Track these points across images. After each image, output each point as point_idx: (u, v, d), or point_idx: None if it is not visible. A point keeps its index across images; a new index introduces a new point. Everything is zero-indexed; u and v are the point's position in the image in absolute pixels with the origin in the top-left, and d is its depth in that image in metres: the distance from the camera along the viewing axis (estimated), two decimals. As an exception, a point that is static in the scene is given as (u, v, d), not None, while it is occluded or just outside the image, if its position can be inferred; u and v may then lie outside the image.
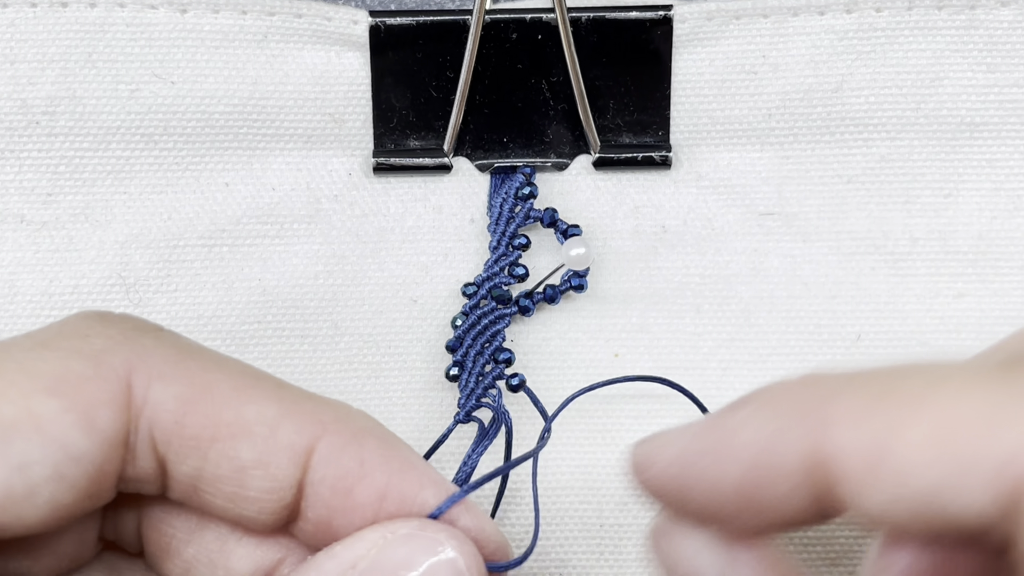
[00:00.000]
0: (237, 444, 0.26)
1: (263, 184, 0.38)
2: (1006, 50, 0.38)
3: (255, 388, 0.27)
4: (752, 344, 0.39)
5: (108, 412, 0.25)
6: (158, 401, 0.26)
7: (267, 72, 0.38)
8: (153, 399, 0.26)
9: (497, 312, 0.38)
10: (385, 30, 0.38)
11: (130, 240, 0.38)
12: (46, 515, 0.25)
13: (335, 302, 0.39)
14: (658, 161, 0.38)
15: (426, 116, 0.38)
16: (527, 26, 0.38)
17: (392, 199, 0.39)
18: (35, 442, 0.24)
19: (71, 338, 0.26)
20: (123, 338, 0.26)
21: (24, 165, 0.38)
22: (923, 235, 0.39)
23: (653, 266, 0.39)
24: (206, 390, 0.26)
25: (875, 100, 0.38)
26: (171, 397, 0.26)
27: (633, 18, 0.38)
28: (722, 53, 0.38)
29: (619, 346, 0.39)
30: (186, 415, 0.26)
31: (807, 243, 0.39)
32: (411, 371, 0.39)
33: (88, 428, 0.25)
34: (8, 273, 0.38)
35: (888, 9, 0.38)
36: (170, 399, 0.26)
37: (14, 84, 0.37)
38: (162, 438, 0.26)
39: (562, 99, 0.38)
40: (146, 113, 0.37)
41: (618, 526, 0.39)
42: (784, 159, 0.39)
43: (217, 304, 0.38)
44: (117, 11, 0.37)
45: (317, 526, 0.27)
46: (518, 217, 0.38)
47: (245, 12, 0.37)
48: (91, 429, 0.25)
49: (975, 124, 0.38)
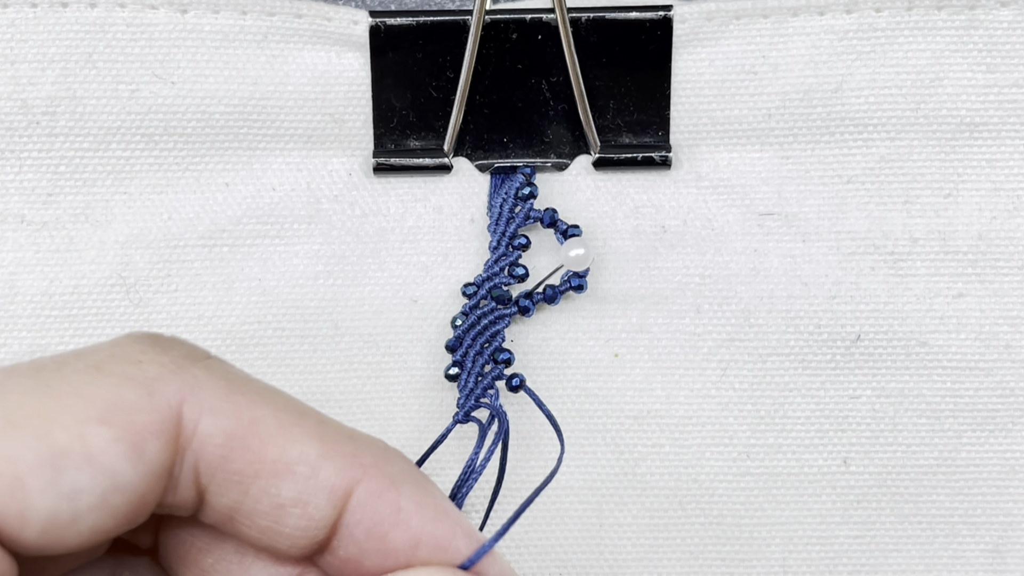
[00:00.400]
0: (279, 482, 0.27)
1: (263, 184, 0.38)
2: (1006, 50, 0.38)
3: (299, 426, 0.27)
4: (752, 344, 0.39)
5: (157, 443, 0.26)
6: (207, 435, 0.26)
7: (267, 72, 0.38)
8: (202, 432, 0.26)
9: (497, 312, 0.38)
10: (385, 30, 0.38)
11: (130, 240, 0.38)
12: (86, 540, 0.25)
13: (335, 302, 0.39)
14: (658, 161, 0.38)
15: (426, 116, 0.38)
16: (527, 26, 0.38)
17: (392, 199, 0.39)
18: (85, 472, 0.25)
19: (124, 363, 0.26)
20: (175, 367, 0.26)
21: (24, 165, 0.38)
22: (923, 235, 0.39)
23: (653, 266, 0.39)
24: (253, 426, 0.27)
25: (875, 100, 0.38)
26: (220, 432, 0.26)
27: (633, 18, 0.38)
28: (722, 53, 0.38)
29: (619, 346, 0.39)
30: (232, 451, 0.26)
31: (807, 243, 0.39)
32: (411, 371, 0.39)
33: (137, 459, 0.25)
34: (8, 273, 0.38)
35: (888, 9, 0.38)
36: (219, 434, 0.26)
37: (14, 84, 0.37)
38: (206, 471, 0.26)
39: (562, 99, 0.38)
40: (146, 113, 0.37)
41: (618, 526, 0.39)
42: (784, 159, 0.39)
43: (217, 304, 0.38)
44: (117, 11, 0.37)
45: (346, 563, 0.28)
46: (518, 217, 0.38)
47: (245, 12, 0.37)
48: (139, 460, 0.25)
49: (975, 124, 0.38)
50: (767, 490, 0.39)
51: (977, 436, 0.39)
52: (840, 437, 0.39)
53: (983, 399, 0.39)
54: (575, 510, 0.39)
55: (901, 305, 0.39)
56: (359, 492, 0.27)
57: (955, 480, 0.39)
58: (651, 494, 0.39)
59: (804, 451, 0.39)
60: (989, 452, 0.39)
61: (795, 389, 0.39)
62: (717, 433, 0.39)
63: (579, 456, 0.39)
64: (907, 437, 0.39)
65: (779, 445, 0.39)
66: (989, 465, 0.39)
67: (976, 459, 0.39)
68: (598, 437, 0.39)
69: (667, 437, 0.39)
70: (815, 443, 0.39)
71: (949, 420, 0.39)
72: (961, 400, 0.39)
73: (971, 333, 0.39)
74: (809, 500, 0.39)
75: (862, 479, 0.39)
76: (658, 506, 0.39)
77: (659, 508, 0.39)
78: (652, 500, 0.39)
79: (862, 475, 0.39)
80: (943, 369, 0.39)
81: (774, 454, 0.39)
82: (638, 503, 0.39)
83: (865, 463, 0.39)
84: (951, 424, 0.39)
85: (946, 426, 0.39)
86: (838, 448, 0.39)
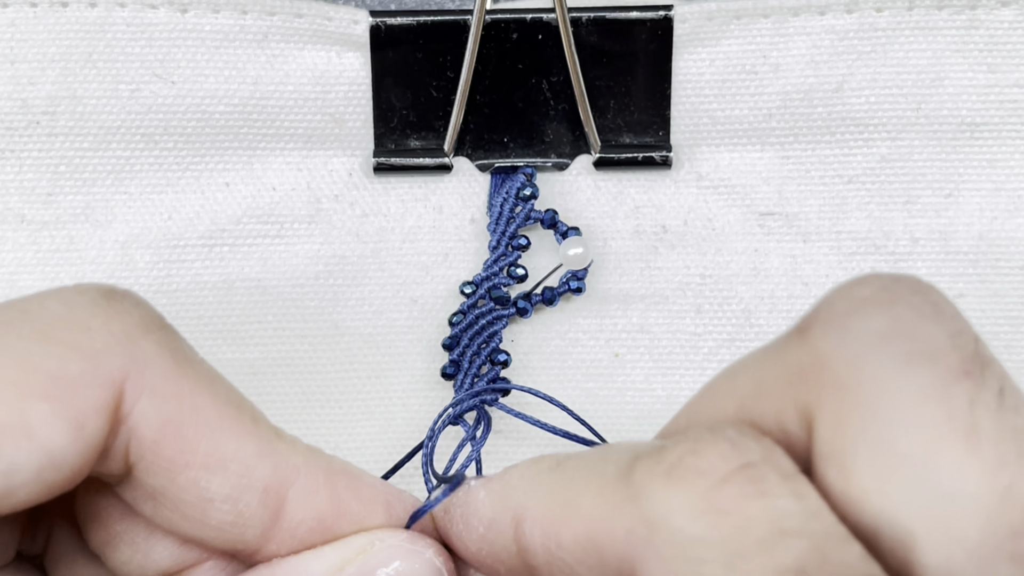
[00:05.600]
0: (210, 476, 0.26)
1: (263, 184, 0.38)
2: (1007, 50, 0.38)
3: (237, 420, 0.27)
4: (752, 344, 0.39)
5: (97, 419, 0.25)
6: (143, 416, 0.26)
7: (267, 72, 0.38)
8: (138, 412, 0.26)
9: (495, 313, 0.38)
10: (386, 30, 0.38)
11: (131, 240, 0.38)
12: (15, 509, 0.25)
13: (335, 302, 0.39)
14: (658, 161, 0.38)
15: (426, 116, 0.38)
16: (527, 26, 0.38)
17: (392, 199, 0.39)
18: (23, 449, 0.24)
19: (73, 329, 0.26)
20: (124, 338, 0.26)
21: (25, 165, 0.38)
22: (924, 235, 0.39)
23: (653, 266, 0.39)
24: (191, 414, 0.26)
25: (876, 100, 0.38)
26: (156, 415, 0.26)
27: (633, 18, 0.38)
28: (722, 53, 0.38)
29: (619, 346, 0.39)
30: (166, 436, 0.26)
31: (807, 243, 0.39)
32: (411, 371, 0.39)
33: (75, 435, 0.25)
34: (9, 273, 0.38)
35: (889, 9, 0.38)
36: (154, 417, 0.26)
37: (15, 84, 0.37)
38: (136, 450, 0.26)
39: (562, 99, 0.38)
40: (146, 113, 0.37)
41: (618, 526, 0.39)
42: (784, 159, 0.39)
43: (217, 304, 0.38)
44: (117, 11, 0.37)
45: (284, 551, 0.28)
46: (518, 218, 0.38)
47: (245, 12, 0.37)
48: (78, 436, 0.25)
49: (975, 124, 0.38)
50: (767, 490, 0.39)
51: (978, 436, 0.39)
52: (840, 437, 0.39)
53: (984, 399, 0.39)
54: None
55: (902, 305, 0.39)
56: (295, 492, 0.27)
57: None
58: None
59: (804, 451, 0.39)
60: (990, 452, 0.39)
61: (795, 389, 0.39)
62: (717, 433, 0.39)
63: (579, 456, 0.39)
64: (908, 437, 0.39)
65: (779, 445, 0.39)
66: (990, 465, 0.39)
67: (977, 459, 0.39)
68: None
69: (667, 437, 0.39)
70: (815, 443, 0.39)
71: (950, 420, 0.39)
72: (962, 400, 0.39)
73: (972, 333, 0.39)
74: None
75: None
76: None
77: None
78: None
79: (862, 475, 0.39)
80: (944, 369, 0.39)
81: (774, 454, 0.39)
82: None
83: (865, 463, 0.39)
84: (952, 424, 0.39)
85: (947, 426, 0.39)
86: (838, 448, 0.39)
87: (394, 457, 0.38)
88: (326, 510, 0.27)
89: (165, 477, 0.26)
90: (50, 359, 0.25)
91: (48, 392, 0.25)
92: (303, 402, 0.39)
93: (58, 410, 0.25)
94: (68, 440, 0.25)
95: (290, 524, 0.27)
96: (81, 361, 0.25)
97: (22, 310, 0.26)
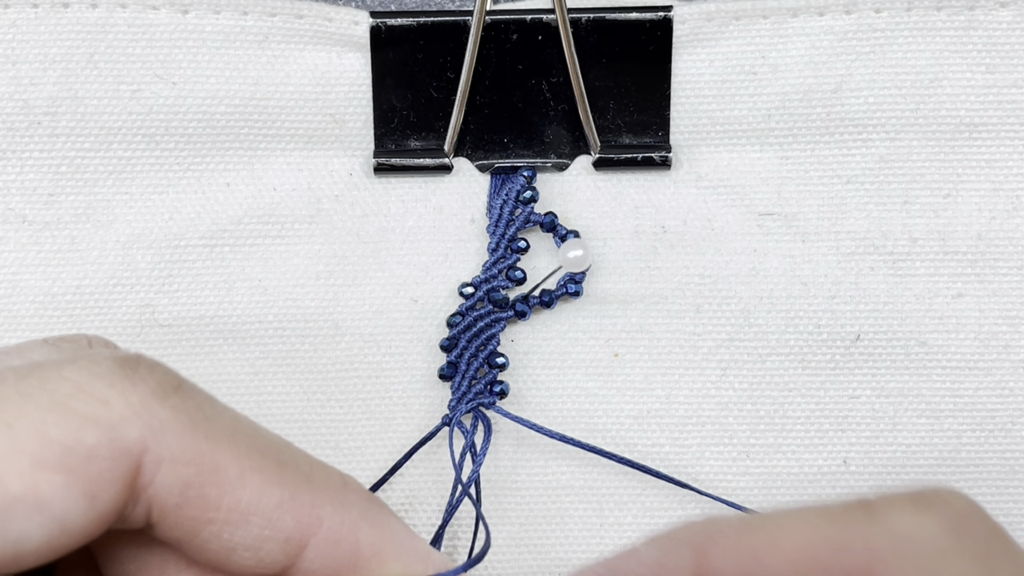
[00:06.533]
0: (232, 529, 0.26)
1: (264, 184, 0.38)
2: (1005, 51, 0.38)
3: (260, 471, 0.27)
4: (752, 344, 0.39)
5: (111, 490, 0.25)
6: (163, 484, 0.26)
7: (268, 73, 0.38)
8: (159, 481, 0.26)
9: (493, 315, 0.38)
10: (386, 31, 0.38)
11: (132, 240, 0.38)
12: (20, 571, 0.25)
13: (336, 302, 0.39)
14: (658, 161, 0.38)
15: (427, 116, 0.38)
16: (527, 27, 0.38)
17: (393, 199, 0.39)
18: (35, 520, 0.24)
19: (90, 401, 0.26)
20: (142, 408, 0.26)
21: (26, 165, 0.38)
22: (922, 235, 0.39)
23: (653, 266, 0.39)
24: (212, 474, 0.26)
25: (874, 101, 0.38)
26: (176, 481, 0.26)
27: (633, 19, 0.38)
28: (722, 54, 0.38)
29: (619, 346, 0.39)
30: (187, 500, 0.26)
31: (806, 243, 0.39)
32: (412, 371, 0.39)
33: (89, 506, 0.25)
34: (11, 273, 0.38)
35: (887, 10, 0.38)
36: (175, 484, 0.26)
37: (16, 84, 0.37)
38: (158, 513, 0.26)
39: (562, 99, 0.38)
40: (148, 113, 0.38)
41: (618, 526, 0.39)
42: (783, 159, 0.39)
43: (218, 304, 0.38)
44: (119, 12, 0.37)
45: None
46: (518, 220, 0.38)
47: (246, 13, 0.37)
48: (91, 506, 0.25)
49: (974, 124, 0.38)
50: (767, 490, 0.39)
51: (977, 436, 0.39)
52: (840, 437, 0.39)
53: (982, 399, 0.39)
54: (575, 510, 0.39)
55: (900, 305, 0.39)
56: (316, 542, 0.27)
57: (955, 480, 0.39)
58: (651, 494, 0.39)
59: (804, 451, 0.39)
60: (989, 452, 0.39)
61: (795, 389, 0.39)
62: (717, 433, 0.39)
63: (579, 456, 0.39)
64: (907, 437, 0.39)
65: (779, 445, 0.39)
66: (989, 465, 0.39)
67: (976, 459, 0.39)
68: (598, 437, 0.39)
69: (667, 437, 0.39)
70: (815, 443, 0.39)
71: (949, 420, 0.39)
72: (961, 400, 0.39)
73: (970, 333, 0.39)
74: (809, 500, 0.39)
75: (862, 479, 0.39)
76: (658, 506, 0.39)
77: (659, 508, 0.39)
78: (652, 500, 0.39)
79: (862, 475, 0.39)
80: (942, 369, 0.39)
81: (774, 454, 0.39)
82: (638, 503, 0.39)
83: (865, 463, 0.39)
84: (951, 424, 0.39)
85: (946, 426, 0.39)
86: (838, 448, 0.39)
87: (394, 457, 0.38)
88: (344, 561, 0.27)
89: (188, 531, 0.27)
90: (67, 431, 0.25)
91: (63, 464, 0.25)
92: (303, 402, 0.39)
93: (71, 482, 0.25)
94: (81, 511, 0.25)
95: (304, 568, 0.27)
96: (98, 433, 0.25)
97: (40, 376, 0.26)
